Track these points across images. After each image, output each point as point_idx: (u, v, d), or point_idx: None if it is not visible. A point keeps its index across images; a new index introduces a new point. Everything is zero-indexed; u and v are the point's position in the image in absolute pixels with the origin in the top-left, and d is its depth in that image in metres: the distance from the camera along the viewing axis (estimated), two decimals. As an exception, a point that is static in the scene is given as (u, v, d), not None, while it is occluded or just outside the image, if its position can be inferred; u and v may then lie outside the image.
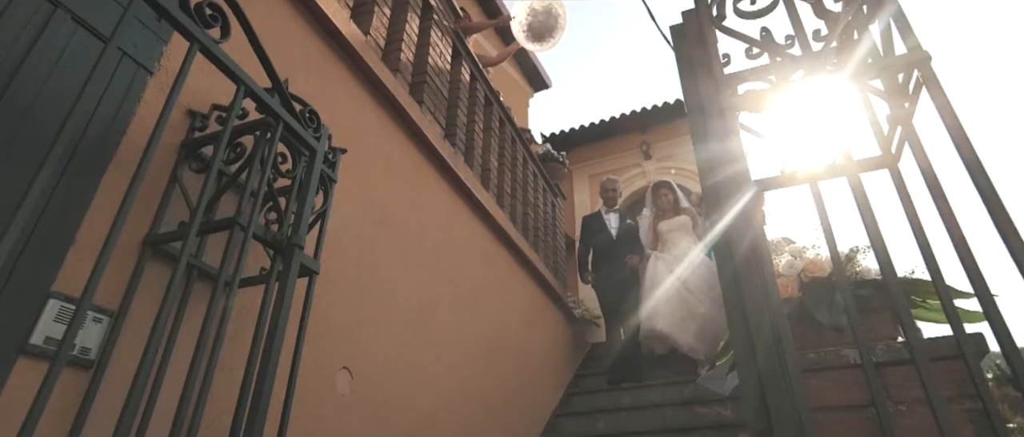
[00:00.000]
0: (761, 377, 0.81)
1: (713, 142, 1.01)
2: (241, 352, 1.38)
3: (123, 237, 1.31)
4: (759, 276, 0.87)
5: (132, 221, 1.33)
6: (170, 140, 1.46)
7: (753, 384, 0.83)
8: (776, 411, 0.78)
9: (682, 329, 3.91)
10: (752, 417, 0.82)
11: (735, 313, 0.88)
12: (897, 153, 0.96)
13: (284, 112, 1.33)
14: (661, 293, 4.06)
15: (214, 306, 1.16)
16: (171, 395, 1.15)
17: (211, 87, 1.59)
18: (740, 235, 0.90)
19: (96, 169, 1.26)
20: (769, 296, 0.86)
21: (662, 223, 4.47)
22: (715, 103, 1.06)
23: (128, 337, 1.21)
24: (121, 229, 0.97)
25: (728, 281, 0.91)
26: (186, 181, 1.41)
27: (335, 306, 1.91)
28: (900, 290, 0.72)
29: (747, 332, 0.86)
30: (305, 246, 1.37)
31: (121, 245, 1.30)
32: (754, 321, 0.84)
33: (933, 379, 0.74)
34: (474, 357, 2.92)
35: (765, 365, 0.81)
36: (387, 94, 2.51)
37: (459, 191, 3.14)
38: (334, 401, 1.85)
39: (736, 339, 0.87)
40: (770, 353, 0.81)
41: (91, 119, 1.26)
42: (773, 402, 0.78)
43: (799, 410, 0.68)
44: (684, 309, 3.97)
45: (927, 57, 0.75)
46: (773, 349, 0.81)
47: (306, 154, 1.45)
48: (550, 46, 4.38)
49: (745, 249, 0.88)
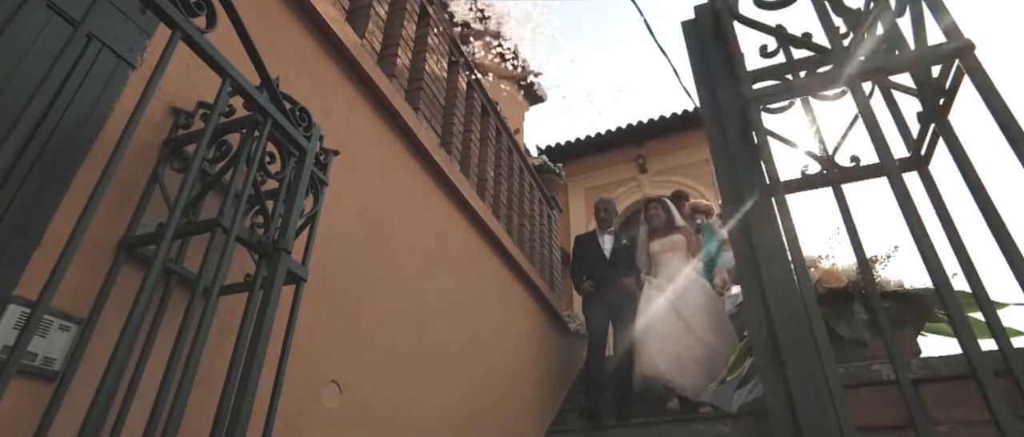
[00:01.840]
0: (791, 391, 0.73)
1: (733, 144, 0.94)
2: (221, 365, 1.29)
3: (97, 239, 1.22)
4: (786, 280, 0.80)
5: (108, 222, 1.25)
6: (151, 138, 1.38)
7: (780, 399, 0.75)
8: (809, 429, 0.70)
9: (683, 371, 3.54)
10: (780, 434, 0.74)
11: (758, 323, 0.81)
12: (928, 154, 0.90)
13: (273, 108, 1.25)
14: (657, 330, 3.70)
15: (191, 313, 1.07)
16: (143, 411, 1.06)
17: (197, 84, 1.51)
18: (766, 240, 0.83)
19: (68, 165, 1.18)
20: (799, 303, 0.79)
21: (654, 243, 4.19)
22: (734, 102, 1.00)
23: (99, 348, 1.12)
24: (86, 229, 0.89)
25: (750, 288, 0.84)
26: (167, 181, 1.33)
27: (324, 316, 1.82)
28: (957, 301, 0.65)
29: (773, 342, 0.79)
30: (293, 251, 1.29)
31: (94, 248, 1.22)
32: (783, 331, 0.77)
33: (994, 396, 0.67)
34: (469, 371, 2.82)
35: (797, 378, 0.73)
36: (382, 99, 2.45)
37: (455, 200, 3.07)
38: (322, 416, 1.75)
39: (760, 350, 0.80)
40: (802, 364, 0.74)
41: (66, 112, 1.18)
42: (806, 419, 0.71)
43: (842, 428, 0.61)
44: (684, 347, 3.61)
45: (970, 45, 0.69)
46: (806, 360, 0.74)
47: (296, 154, 1.38)
48: None
49: (771, 253, 0.81)
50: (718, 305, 3.84)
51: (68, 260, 0.85)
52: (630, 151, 8.25)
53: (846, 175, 0.95)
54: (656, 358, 3.58)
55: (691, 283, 3.88)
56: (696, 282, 3.92)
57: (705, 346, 3.59)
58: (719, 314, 3.77)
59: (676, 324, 3.69)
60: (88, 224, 0.90)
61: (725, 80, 1.08)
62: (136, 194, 1.31)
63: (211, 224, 1.13)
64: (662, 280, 3.93)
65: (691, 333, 3.63)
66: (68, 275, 1.15)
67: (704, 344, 3.59)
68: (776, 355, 0.78)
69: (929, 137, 0.86)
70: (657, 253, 4.12)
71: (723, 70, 1.06)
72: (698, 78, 1.09)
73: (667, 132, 7.93)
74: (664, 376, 3.52)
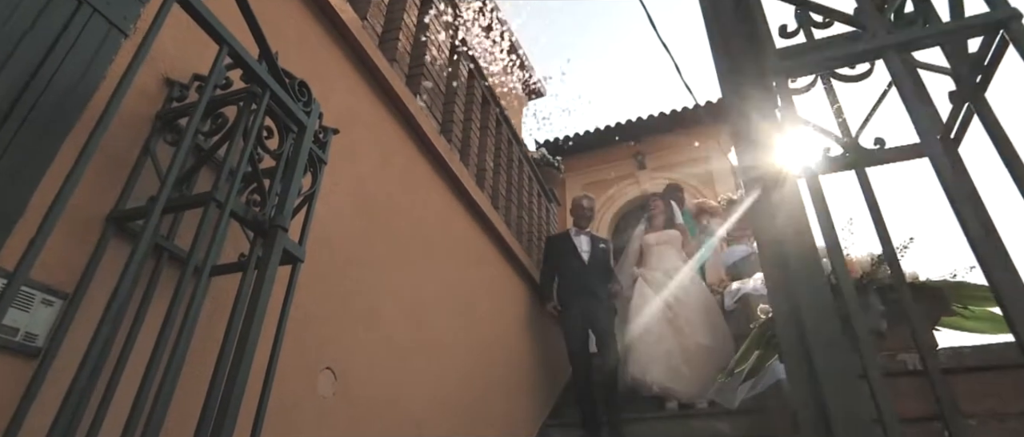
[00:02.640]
0: (820, 385, 0.69)
1: (755, 124, 0.90)
2: (212, 347, 1.24)
3: (85, 213, 1.17)
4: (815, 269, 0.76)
5: (97, 196, 1.20)
6: (144, 110, 1.33)
7: (808, 393, 0.71)
8: (841, 423, 0.66)
9: (680, 379, 3.42)
10: (806, 427, 0.70)
11: (784, 317, 0.76)
12: (959, 136, 0.86)
13: (272, 80, 1.20)
14: (651, 331, 3.57)
15: (181, 291, 1.02)
16: (130, 392, 1.01)
17: (193, 56, 1.46)
18: (793, 227, 0.79)
19: (55, 134, 1.12)
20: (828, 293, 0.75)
21: (651, 235, 4.12)
22: (757, 78, 0.95)
23: (85, 325, 1.07)
24: (67, 198, 0.84)
25: (776, 279, 0.79)
26: (160, 154, 1.28)
27: (319, 301, 1.78)
28: (1022, 289, 0.61)
29: (800, 336, 0.75)
30: (289, 229, 1.24)
31: (82, 221, 1.16)
32: (811, 323, 0.73)
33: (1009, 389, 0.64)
34: (465, 362, 2.78)
35: (827, 371, 0.69)
36: (383, 83, 2.40)
37: (454, 189, 3.02)
38: (315, 404, 1.70)
39: (787, 345, 0.75)
40: (833, 357, 0.69)
41: (53, 78, 1.13)
42: (839, 409, 0.67)
43: (885, 424, 0.57)
44: (677, 354, 3.48)
45: (1017, 13, 0.65)
46: (836, 352, 0.70)
47: (294, 130, 1.32)
48: None
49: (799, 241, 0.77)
50: (713, 303, 3.80)
51: (48, 230, 0.80)
52: (629, 147, 8.22)
53: (876, 157, 0.91)
54: (648, 365, 3.48)
55: (688, 279, 3.84)
56: (692, 279, 3.89)
57: (701, 350, 3.51)
58: (714, 312, 3.73)
59: (670, 327, 3.60)
60: (70, 193, 0.85)
61: (746, 56, 1.03)
62: (127, 167, 1.26)
63: (204, 198, 1.08)
64: (657, 273, 3.88)
65: (686, 337, 3.54)
66: (53, 248, 1.10)
67: (700, 348, 3.51)
68: (803, 348, 0.74)
69: (961, 117, 0.82)
70: (652, 245, 4.08)
71: (744, 45, 1.02)
72: (717, 54, 1.04)
73: (667, 128, 7.90)
74: (653, 386, 3.43)
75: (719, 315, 3.74)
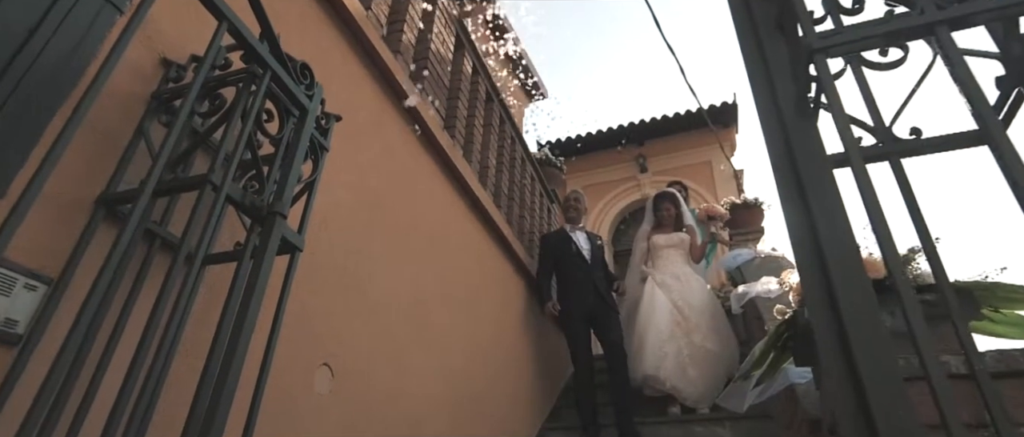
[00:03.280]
0: (866, 385, 0.64)
1: (786, 108, 0.85)
2: (204, 341, 1.18)
3: (74, 195, 1.11)
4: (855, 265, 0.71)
5: (87, 178, 1.14)
6: (139, 90, 1.27)
7: (850, 397, 0.66)
8: (889, 426, 0.61)
9: (686, 379, 3.38)
10: (847, 432, 0.65)
11: (822, 317, 0.71)
12: (1005, 122, 0.81)
13: (273, 60, 1.15)
14: (660, 330, 3.52)
15: (172, 279, 0.97)
16: (117, 385, 0.95)
17: (192, 36, 1.40)
18: (830, 219, 0.74)
19: (43, 113, 1.07)
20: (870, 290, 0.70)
21: (659, 237, 4.05)
22: (790, 64, 0.90)
23: (71, 312, 1.01)
24: (48, 176, 0.79)
25: (812, 278, 0.74)
26: (154, 135, 1.22)
27: (317, 294, 1.72)
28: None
29: (841, 336, 0.70)
30: (288, 216, 1.18)
31: (70, 204, 1.11)
32: (853, 322, 0.67)
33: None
34: (465, 361, 2.72)
35: (872, 374, 0.64)
36: (387, 74, 2.34)
37: (457, 185, 2.96)
38: (311, 400, 1.64)
39: (825, 347, 0.70)
40: (878, 358, 0.64)
41: (41, 53, 1.07)
42: (885, 418, 0.61)
43: (951, 428, 0.52)
44: (686, 355, 3.44)
45: (1086, -12, 0.60)
46: (881, 353, 0.65)
47: (295, 114, 1.27)
48: None
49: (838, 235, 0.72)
50: (719, 309, 3.76)
51: (24, 209, 0.75)
52: (631, 150, 8.18)
53: (914, 147, 0.86)
54: (658, 361, 3.44)
55: (695, 283, 3.80)
56: (699, 282, 3.85)
57: (708, 356, 3.47)
58: (720, 317, 3.69)
59: (678, 327, 3.56)
60: (49, 171, 0.80)
61: (774, 40, 0.98)
62: (120, 149, 1.20)
63: (199, 181, 1.02)
64: (666, 276, 3.83)
65: (694, 339, 3.50)
66: (38, 231, 1.04)
67: (707, 353, 3.47)
68: (844, 351, 0.68)
69: (1009, 104, 0.77)
70: (660, 247, 4.02)
71: (773, 29, 0.96)
72: (741, 30, 0.99)
73: (669, 132, 7.86)
74: (666, 382, 3.39)
75: (725, 321, 3.70)
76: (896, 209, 0.84)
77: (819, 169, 0.78)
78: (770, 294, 2.64)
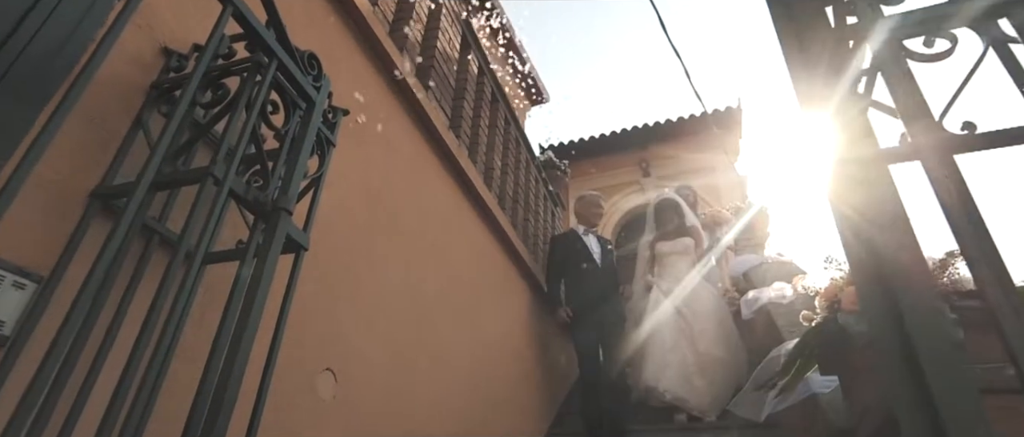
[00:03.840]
0: (937, 402, 0.58)
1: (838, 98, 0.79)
2: (204, 344, 1.12)
3: (69, 189, 1.05)
4: (920, 269, 0.65)
5: (84, 171, 1.08)
6: (138, 79, 1.21)
7: (919, 413, 0.60)
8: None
9: (692, 389, 3.30)
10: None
11: (884, 329, 0.65)
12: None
13: (279, 49, 1.09)
14: (663, 339, 3.45)
15: (169, 278, 0.90)
16: (109, 389, 0.89)
17: (194, 26, 1.35)
18: (890, 220, 0.68)
19: (33, 100, 1.00)
20: (937, 297, 0.64)
21: (663, 244, 3.95)
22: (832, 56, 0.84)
23: (62, 312, 0.94)
24: (32, 166, 0.73)
25: (870, 289, 0.68)
26: (154, 127, 1.16)
27: (321, 296, 1.65)
28: None
29: (903, 341, 0.64)
30: (293, 213, 1.12)
31: (65, 198, 1.05)
32: (920, 334, 0.61)
33: None
34: (468, 367, 2.65)
35: (946, 384, 0.58)
36: (392, 71, 2.28)
37: (463, 187, 2.90)
38: (314, 407, 1.57)
39: (889, 361, 0.64)
40: (953, 367, 0.58)
41: (34, 37, 1.01)
42: (962, 433, 0.55)
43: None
44: (691, 364, 3.36)
45: None
46: (956, 362, 0.58)
47: (302, 107, 1.21)
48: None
49: (899, 236, 0.66)
50: (726, 314, 3.69)
51: (7, 201, 0.69)
52: (634, 154, 8.13)
53: (967, 144, 0.80)
54: (661, 373, 3.37)
55: (702, 290, 3.71)
56: (705, 288, 3.76)
57: (714, 362, 3.39)
58: (727, 324, 3.62)
59: (682, 336, 3.49)
60: (36, 160, 0.74)
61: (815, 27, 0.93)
62: (117, 141, 1.14)
63: (200, 173, 0.96)
64: (670, 283, 3.76)
65: (700, 348, 3.42)
66: (28, 226, 0.98)
67: (713, 360, 3.40)
68: (908, 363, 0.62)
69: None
70: (665, 255, 3.94)
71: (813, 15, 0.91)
72: (778, 17, 0.93)
73: (673, 135, 7.81)
74: (666, 394, 3.32)
75: (732, 327, 3.63)
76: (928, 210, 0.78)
77: (875, 165, 0.72)
78: (784, 300, 2.58)
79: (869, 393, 1.15)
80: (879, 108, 0.85)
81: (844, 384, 1.30)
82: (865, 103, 0.82)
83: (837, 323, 1.23)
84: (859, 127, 0.79)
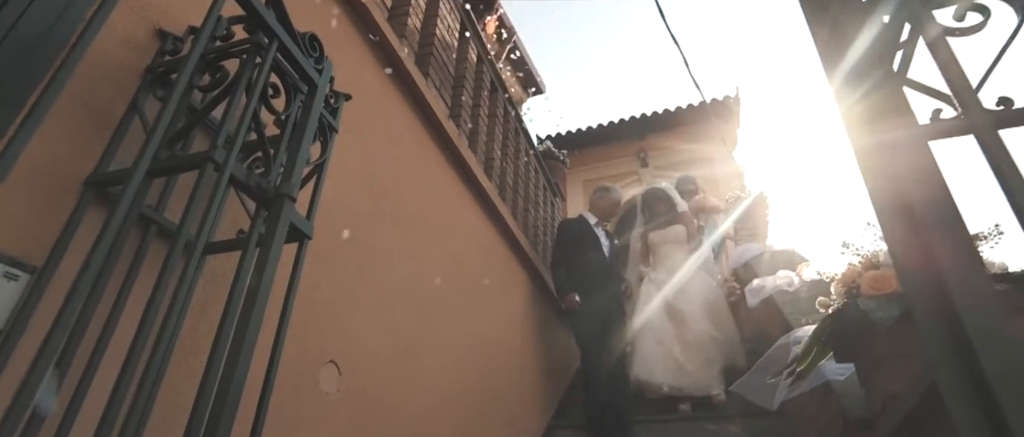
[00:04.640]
0: (993, 385, 0.55)
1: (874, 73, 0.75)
2: (205, 338, 1.08)
3: (62, 176, 1.00)
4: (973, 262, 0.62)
5: (78, 158, 1.03)
6: (133, 62, 1.16)
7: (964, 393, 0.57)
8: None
9: (683, 375, 3.32)
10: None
11: (932, 330, 0.62)
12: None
13: (280, 29, 1.04)
14: (653, 332, 3.47)
15: (168, 269, 0.86)
16: (107, 386, 0.85)
17: (190, 8, 1.29)
18: (935, 206, 0.65)
19: (20, 87, 0.95)
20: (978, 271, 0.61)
21: (655, 234, 3.93)
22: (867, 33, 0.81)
23: (56, 304, 0.90)
24: (18, 152, 0.71)
25: (918, 286, 0.64)
26: (149, 112, 1.11)
27: (323, 287, 1.61)
28: None
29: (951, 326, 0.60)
30: (296, 200, 1.08)
31: (58, 186, 1.00)
32: (979, 334, 0.58)
33: None
34: (471, 358, 2.63)
35: (1000, 368, 0.55)
36: (392, 58, 2.23)
37: (463, 176, 2.86)
38: (318, 401, 1.54)
39: (934, 340, 0.61)
40: (1008, 350, 0.55)
41: (17, 22, 0.96)
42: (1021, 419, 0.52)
43: None
44: (680, 349, 3.38)
45: None
46: (1011, 345, 0.55)
47: (304, 91, 1.16)
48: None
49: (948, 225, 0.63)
50: (718, 296, 3.71)
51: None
52: (631, 144, 8.09)
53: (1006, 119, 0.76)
54: (653, 367, 3.39)
55: (695, 277, 3.71)
56: (701, 277, 3.76)
57: (703, 339, 3.40)
58: (720, 307, 3.63)
59: (671, 322, 3.50)
60: (23, 146, 0.70)
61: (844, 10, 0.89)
62: (112, 126, 1.09)
63: (200, 159, 0.92)
64: (661, 274, 3.75)
65: (687, 335, 3.42)
66: (19, 215, 0.93)
67: (702, 336, 3.40)
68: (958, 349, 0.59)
69: None
70: (657, 244, 3.93)
71: None
72: (811, 13, 0.90)
73: (671, 126, 7.78)
74: (662, 386, 3.33)
75: (723, 306, 3.64)
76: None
77: (914, 142, 0.69)
78: (790, 287, 2.56)
79: (895, 381, 1.12)
80: (912, 86, 0.82)
81: (862, 372, 1.27)
82: (900, 79, 0.79)
83: (858, 308, 1.20)
84: (896, 103, 0.75)
